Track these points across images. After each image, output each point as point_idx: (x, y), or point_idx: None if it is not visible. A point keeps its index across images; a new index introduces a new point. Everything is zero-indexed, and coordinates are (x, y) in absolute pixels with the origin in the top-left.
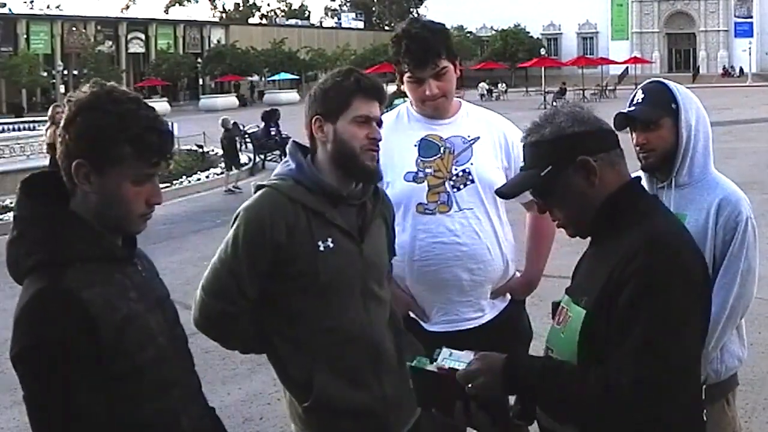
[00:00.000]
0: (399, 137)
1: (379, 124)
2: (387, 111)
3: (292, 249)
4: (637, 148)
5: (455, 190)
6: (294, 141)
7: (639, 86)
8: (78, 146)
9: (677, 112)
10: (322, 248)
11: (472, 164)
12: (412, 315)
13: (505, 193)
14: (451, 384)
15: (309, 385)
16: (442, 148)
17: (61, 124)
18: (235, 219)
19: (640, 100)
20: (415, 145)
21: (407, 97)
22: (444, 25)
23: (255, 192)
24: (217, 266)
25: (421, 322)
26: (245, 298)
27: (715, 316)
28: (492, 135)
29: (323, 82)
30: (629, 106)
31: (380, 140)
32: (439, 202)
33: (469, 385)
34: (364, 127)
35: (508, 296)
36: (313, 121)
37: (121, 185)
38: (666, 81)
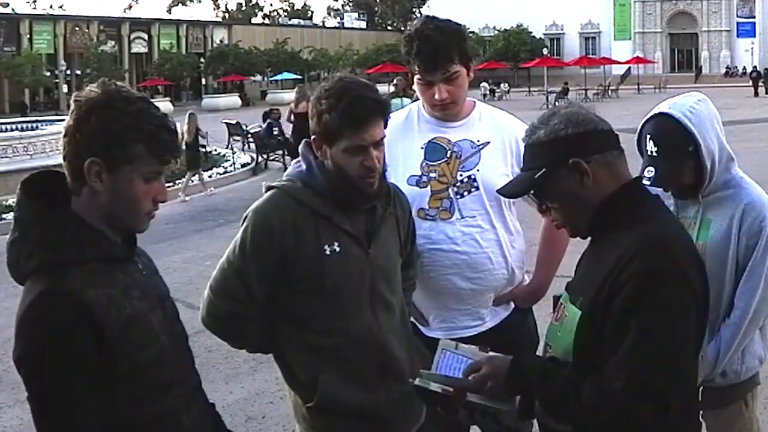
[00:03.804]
0: (406, 139)
1: (379, 143)
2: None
3: (299, 252)
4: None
5: (459, 196)
6: (306, 141)
7: (645, 130)
8: (91, 145)
9: (697, 150)
10: (328, 252)
11: (478, 170)
12: (411, 319)
13: (503, 194)
14: (454, 399)
15: (313, 386)
16: (448, 152)
17: (70, 122)
18: (244, 220)
19: (654, 153)
20: (422, 148)
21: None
22: (460, 26)
23: (265, 192)
24: (225, 267)
25: (420, 327)
26: (252, 299)
27: (737, 320)
28: (503, 140)
29: (318, 97)
30: (644, 161)
31: (377, 166)
32: (440, 209)
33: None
34: (358, 155)
35: (512, 304)
36: (313, 138)
37: (132, 183)
38: (673, 114)
